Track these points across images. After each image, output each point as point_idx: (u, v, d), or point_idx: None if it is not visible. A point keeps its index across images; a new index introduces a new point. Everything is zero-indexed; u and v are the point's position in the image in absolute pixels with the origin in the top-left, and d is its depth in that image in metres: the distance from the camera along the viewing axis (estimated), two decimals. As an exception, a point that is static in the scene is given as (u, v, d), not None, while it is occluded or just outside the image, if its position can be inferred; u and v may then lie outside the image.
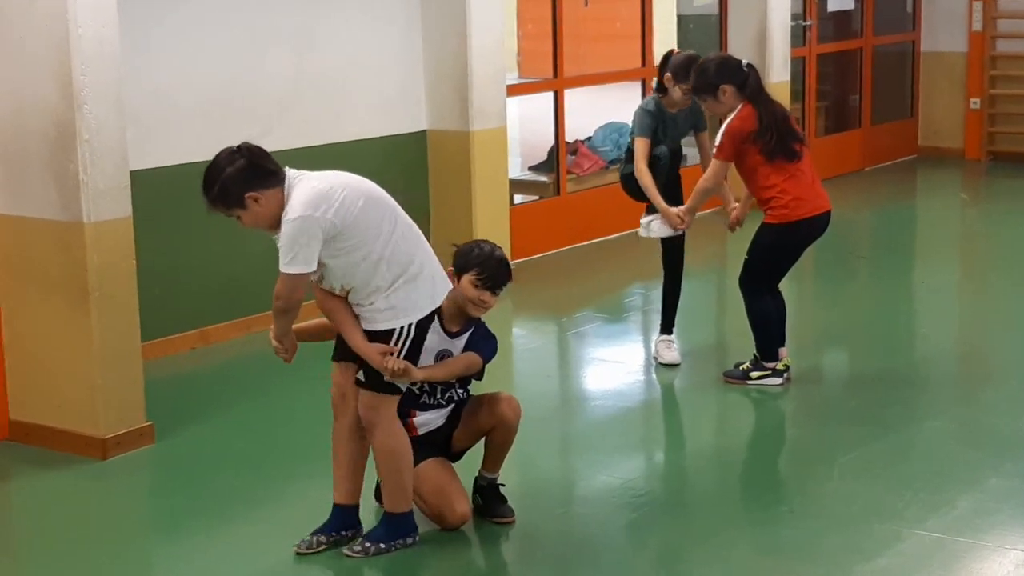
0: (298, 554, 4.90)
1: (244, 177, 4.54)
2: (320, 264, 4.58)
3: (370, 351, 4.68)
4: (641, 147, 6.82)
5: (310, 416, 6.55)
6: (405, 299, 4.69)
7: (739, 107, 6.47)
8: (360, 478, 4.98)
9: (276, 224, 4.59)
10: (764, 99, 6.48)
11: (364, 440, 4.92)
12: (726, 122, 6.50)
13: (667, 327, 7.24)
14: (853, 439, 6.08)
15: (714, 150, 6.57)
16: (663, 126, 6.90)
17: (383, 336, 4.70)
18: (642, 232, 7.04)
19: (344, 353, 4.86)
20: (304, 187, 4.57)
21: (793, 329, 6.96)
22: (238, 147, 4.62)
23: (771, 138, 6.41)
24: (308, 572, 4.84)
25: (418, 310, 4.73)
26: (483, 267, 5.03)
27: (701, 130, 7.11)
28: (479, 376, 5.16)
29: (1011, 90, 13.74)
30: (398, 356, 4.70)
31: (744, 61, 6.59)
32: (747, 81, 6.47)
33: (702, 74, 6.54)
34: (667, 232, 6.92)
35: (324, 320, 4.93)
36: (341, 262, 4.60)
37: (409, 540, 4.93)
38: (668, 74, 6.82)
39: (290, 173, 4.63)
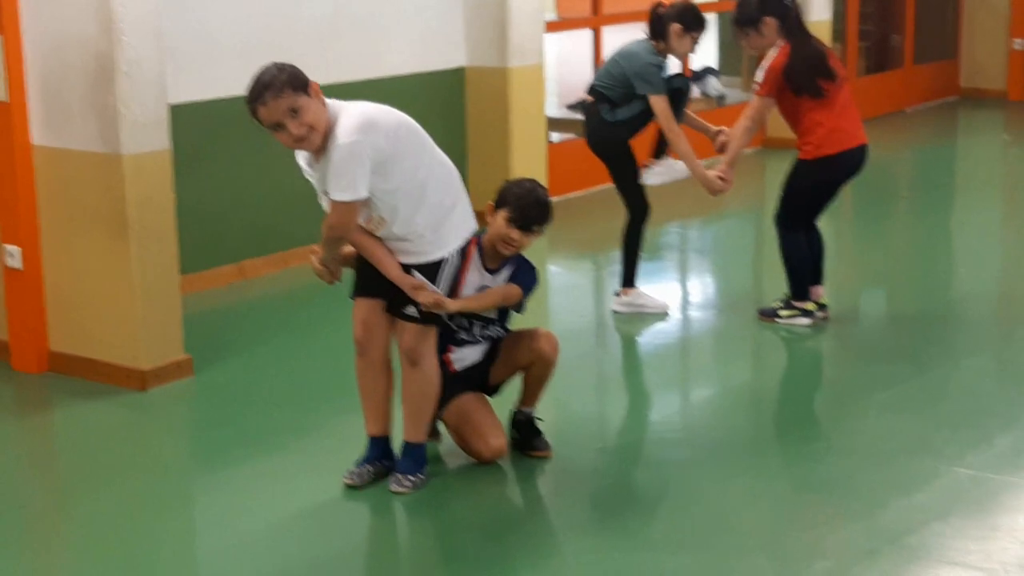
0: (349, 486, 4.92)
1: (297, 75, 4.49)
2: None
3: (405, 282, 4.69)
4: (665, 106, 6.59)
5: (346, 349, 6.56)
6: (449, 226, 4.72)
7: (779, 43, 6.42)
8: (391, 409, 5.00)
9: (322, 142, 4.51)
10: (802, 35, 6.42)
11: (390, 372, 4.93)
12: (768, 59, 6.44)
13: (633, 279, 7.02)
14: (891, 377, 6.06)
15: (755, 86, 6.51)
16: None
17: (433, 268, 4.71)
18: (647, 180, 6.88)
19: (367, 289, 4.84)
20: (350, 112, 4.52)
21: (832, 268, 6.92)
22: (276, 64, 4.56)
23: (797, 75, 6.37)
24: (341, 502, 4.87)
25: (458, 238, 4.76)
26: (516, 205, 4.97)
27: None
28: (519, 308, 5.15)
29: (1056, 30, 13.56)
30: (442, 286, 4.72)
31: None
32: (789, 14, 6.41)
33: (746, 5, 6.47)
34: (668, 180, 6.83)
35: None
36: (390, 186, 4.56)
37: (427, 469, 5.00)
38: (678, 26, 6.59)
39: (328, 102, 4.59)
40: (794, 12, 6.45)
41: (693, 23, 6.63)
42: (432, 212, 4.67)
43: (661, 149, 6.87)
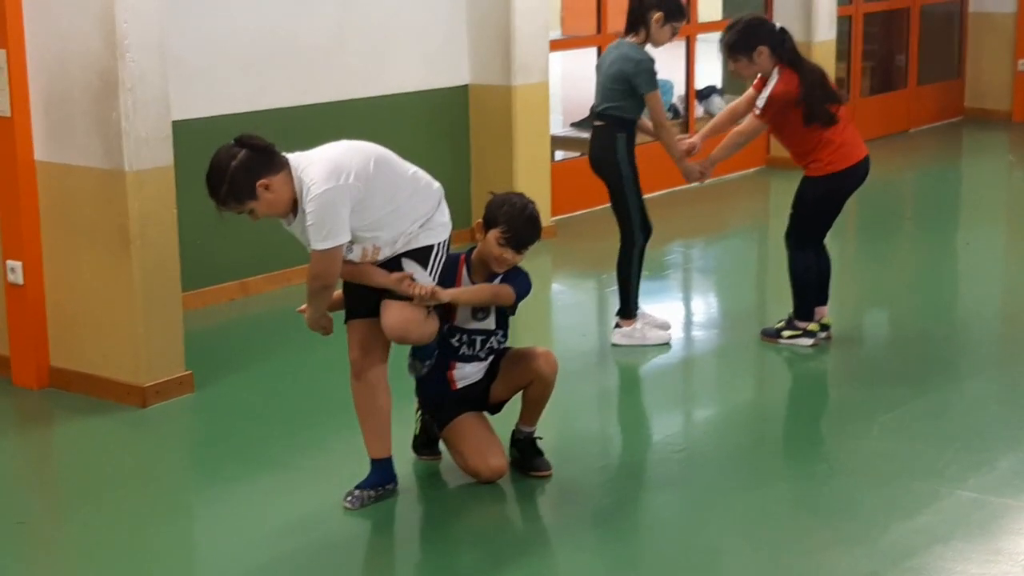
0: (348, 510, 4.90)
1: (250, 167, 4.49)
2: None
3: (392, 280, 4.70)
4: (659, 101, 6.58)
5: (345, 367, 6.57)
6: (436, 220, 4.79)
7: (775, 70, 6.41)
8: (390, 430, 4.98)
9: (291, 208, 4.57)
10: (803, 63, 6.43)
11: (388, 393, 4.91)
12: (770, 86, 6.42)
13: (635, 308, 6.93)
14: (894, 398, 6.04)
15: (756, 110, 6.50)
16: None
17: (424, 252, 4.74)
18: (613, 339, 6.81)
19: (359, 311, 4.84)
20: (316, 163, 4.55)
21: (836, 289, 6.91)
22: (235, 140, 4.57)
23: (812, 103, 6.38)
24: (339, 518, 4.85)
25: (445, 229, 4.82)
26: (509, 224, 4.91)
27: None
28: (512, 311, 5.12)
29: (1061, 51, 13.55)
30: (432, 275, 4.75)
31: (777, 25, 6.52)
32: (784, 44, 6.41)
33: (740, 33, 6.46)
34: (635, 344, 6.76)
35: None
36: (370, 220, 4.61)
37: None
38: (659, 13, 6.49)
39: (292, 158, 4.60)
40: (789, 41, 6.44)
41: (675, 12, 6.55)
42: (416, 214, 4.73)
43: (625, 303, 6.80)
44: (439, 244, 4.81)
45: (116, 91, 5.78)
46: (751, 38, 6.42)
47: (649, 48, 6.63)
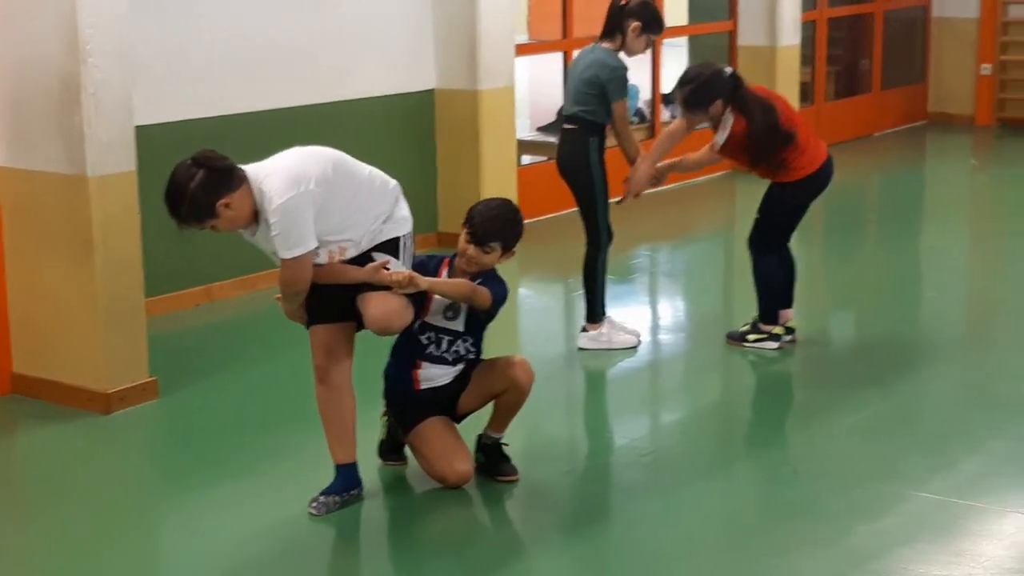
0: (313, 516, 4.88)
1: (209, 187, 4.48)
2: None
3: (366, 272, 4.71)
4: (626, 111, 6.57)
5: (311, 373, 6.55)
6: (397, 215, 4.82)
7: (728, 111, 6.42)
8: (355, 435, 4.96)
9: (252, 220, 4.58)
10: (753, 111, 6.39)
11: (353, 397, 4.90)
12: (728, 126, 6.40)
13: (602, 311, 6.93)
14: (858, 401, 6.07)
15: (716, 147, 6.50)
16: None
17: (391, 245, 4.77)
18: (580, 342, 6.82)
19: (323, 314, 4.83)
20: (275, 173, 4.55)
21: (801, 292, 6.94)
22: (192, 159, 4.55)
23: (760, 152, 6.45)
24: (305, 526, 4.84)
25: (407, 223, 4.85)
26: (475, 221, 4.98)
27: None
28: (488, 317, 5.11)
29: (1022, 56, 13.66)
30: (404, 264, 4.78)
31: (727, 70, 6.52)
32: (736, 91, 6.42)
33: (694, 93, 6.45)
34: (599, 348, 6.77)
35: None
36: (333, 224, 4.62)
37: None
38: (637, 23, 6.51)
39: (250, 171, 4.59)
40: (740, 88, 6.44)
41: (652, 24, 6.57)
42: (377, 211, 4.75)
43: (591, 306, 6.78)
44: (404, 236, 4.85)
45: (78, 96, 5.75)
46: (706, 95, 6.44)
47: (623, 56, 6.65)
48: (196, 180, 4.48)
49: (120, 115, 5.88)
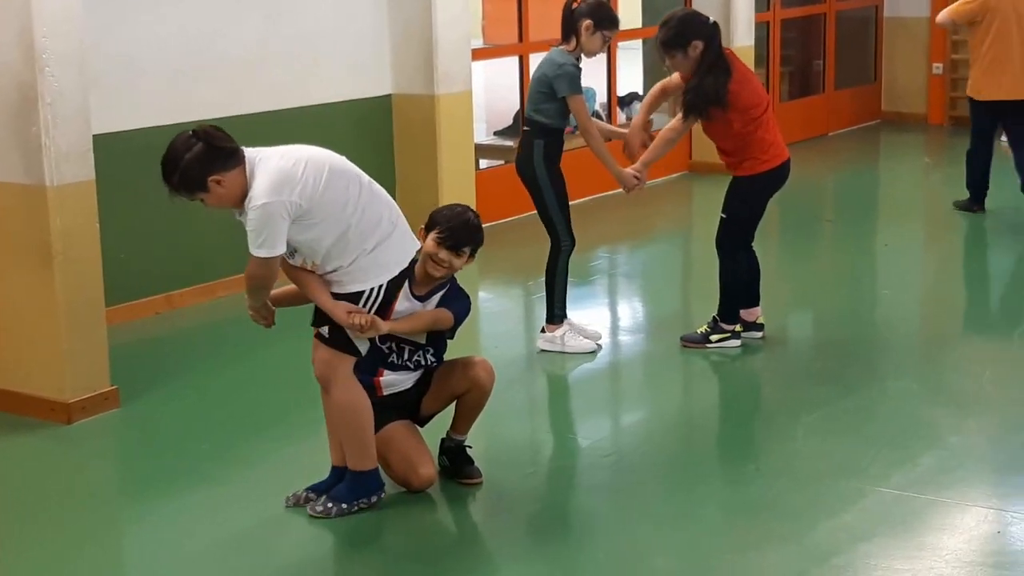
0: (287, 507, 4.93)
1: (204, 161, 4.49)
2: (288, 243, 4.58)
3: (336, 309, 4.68)
4: (582, 105, 6.58)
5: (274, 380, 6.56)
6: (373, 262, 4.69)
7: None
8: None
9: (241, 203, 4.56)
10: (718, 62, 6.44)
11: (366, 398, 4.88)
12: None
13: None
14: (818, 399, 6.12)
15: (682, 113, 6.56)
16: None
17: (352, 298, 4.70)
18: (539, 344, 6.87)
19: (322, 319, 4.82)
20: (267, 168, 4.52)
21: (760, 290, 6.98)
22: (194, 131, 4.55)
23: (693, 101, 6.45)
24: (273, 533, 4.84)
25: (387, 272, 4.73)
26: (447, 225, 5.06)
27: None
28: (451, 334, 5.16)
29: (973, 55, 13.78)
30: (370, 310, 4.72)
31: (710, 18, 6.59)
32: (714, 38, 6.47)
33: (673, 29, 6.49)
34: (556, 351, 6.81)
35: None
36: (309, 237, 4.59)
37: (373, 499, 4.93)
38: (588, 21, 6.52)
39: (249, 153, 4.58)
40: (718, 36, 6.51)
41: (604, 21, 6.58)
42: (355, 250, 4.65)
43: (550, 308, 6.82)
44: (372, 289, 4.70)
45: (36, 105, 5.72)
46: (686, 32, 6.46)
47: (583, 57, 6.68)
48: (192, 152, 4.49)
49: (78, 124, 5.86)
